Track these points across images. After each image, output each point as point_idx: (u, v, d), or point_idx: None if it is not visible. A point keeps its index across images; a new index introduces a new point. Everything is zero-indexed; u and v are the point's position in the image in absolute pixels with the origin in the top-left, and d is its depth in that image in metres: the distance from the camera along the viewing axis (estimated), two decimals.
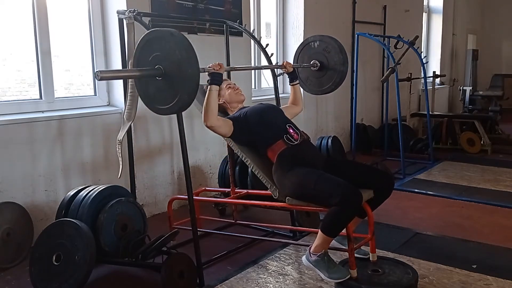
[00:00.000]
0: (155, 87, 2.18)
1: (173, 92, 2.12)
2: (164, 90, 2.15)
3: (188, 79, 2.07)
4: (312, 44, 3.32)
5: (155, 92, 2.19)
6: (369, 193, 2.43)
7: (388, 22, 6.90)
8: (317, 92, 3.42)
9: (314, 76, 3.35)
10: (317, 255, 2.35)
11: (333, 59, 3.24)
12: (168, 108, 2.17)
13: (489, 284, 2.54)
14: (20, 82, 3.45)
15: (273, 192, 2.57)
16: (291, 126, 2.62)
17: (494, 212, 3.82)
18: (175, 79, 2.10)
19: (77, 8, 3.57)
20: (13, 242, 2.87)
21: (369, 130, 6.43)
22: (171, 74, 2.11)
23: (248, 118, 2.63)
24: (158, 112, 2.26)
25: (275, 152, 2.53)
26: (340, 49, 3.23)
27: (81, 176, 3.35)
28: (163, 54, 2.12)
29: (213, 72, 2.44)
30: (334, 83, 3.28)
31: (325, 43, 3.28)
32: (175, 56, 2.08)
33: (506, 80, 9.64)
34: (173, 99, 2.13)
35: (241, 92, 2.86)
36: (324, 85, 3.33)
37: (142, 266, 2.68)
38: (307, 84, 3.40)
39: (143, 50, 2.19)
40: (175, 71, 2.09)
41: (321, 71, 3.30)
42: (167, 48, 2.10)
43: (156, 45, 2.14)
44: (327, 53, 3.25)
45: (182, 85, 2.09)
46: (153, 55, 2.14)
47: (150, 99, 2.23)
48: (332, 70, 3.25)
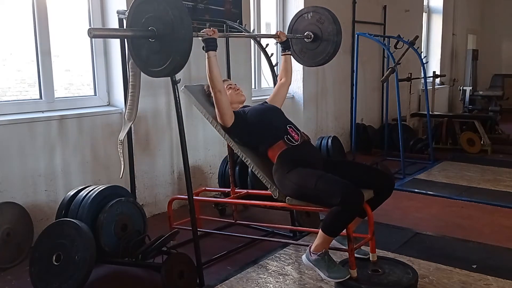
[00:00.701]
0: (148, 49, 2.17)
1: (166, 54, 2.11)
2: (157, 52, 2.14)
3: (181, 39, 2.06)
4: (306, 15, 3.29)
5: (149, 54, 2.18)
6: (369, 193, 2.43)
7: (388, 22, 6.90)
8: (312, 64, 3.39)
9: (308, 47, 3.32)
10: (317, 255, 2.35)
11: (327, 30, 3.21)
12: (161, 70, 2.16)
13: (489, 284, 2.54)
14: (20, 82, 3.45)
15: (273, 192, 2.57)
16: (291, 126, 2.63)
17: (494, 212, 3.82)
18: (168, 41, 2.09)
19: (77, 8, 3.57)
20: (13, 242, 2.87)
21: (369, 130, 6.43)
22: (164, 36, 2.09)
23: (248, 117, 2.63)
24: (151, 75, 2.25)
25: (275, 153, 2.53)
26: (333, 19, 3.20)
27: (81, 176, 3.36)
28: (156, 15, 2.10)
29: (207, 38, 2.44)
30: (328, 54, 3.25)
31: (318, 14, 3.24)
32: (167, 17, 2.06)
33: (506, 80, 9.64)
34: (166, 61, 2.12)
35: (242, 93, 2.86)
36: (318, 56, 3.30)
37: (142, 266, 2.68)
38: (301, 56, 3.37)
39: (136, 12, 2.18)
40: (168, 32, 2.08)
41: (315, 42, 3.27)
42: (160, 9, 2.09)
43: (148, 7, 2.13)
44: (320, 24, 3.22)
45: (175, 46, 2.08)
46: (146, 16, 2.13)
47: (144, 62, 2.22)
48: (326, 41, 3.22)
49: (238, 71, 4.20)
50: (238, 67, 4.27)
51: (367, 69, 6.58)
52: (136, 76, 2.75)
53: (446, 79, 9.50)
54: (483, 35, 11.43)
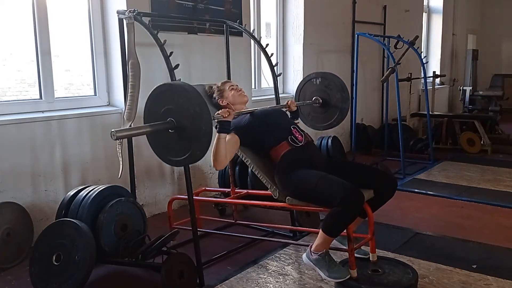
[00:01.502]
0: (167, 138, 2.16)
1: (185, 146, 2.11)
2: (176, 143, 2.14)
3: (202, 136, 2.05)
4: (314, 80, 3.38)
5: (167, 143, 2.18)
6: (369, 193, 2.43)
7: (388, 22, 6.90)
8: (319, 127, 3.48)
9: (315, 112, 3.41)
10: (318, 254, 2.35)
11: (335, 97, 3.30)
12: (180, 160, 2.16)
13: (489, 284, 2.54)
14: (20, 82, 3.45)
15: (273, 192, 2.57)
16: (295, 127, 2.63)
17: (494, 212, 3.82)
18: (187, 133, 2.09)
19: (77, 8, 3.57)
20: (13, 242, 2.88)
21: (369, 130, 6.43)
22: (183, 128, 2.09)
23: (250, 123, 2.61)
24: (168, 163, 2.26)
25: (278, 153, 2.53)
26: (341, 87, 3.29)
27: (81, 176, 3.36)
28: (176, 108, 2.10)
29: (221, 120, 2.39)
30: (336, 120, 3.35)
31: (327, 80, 3.34)
32: (188, 112, 2.06)
33: (506, 80, 9.63)
34: (185, 153, 2.12)
35: (244, 93, 2.86)
36: (326, 121, 3.40)
37: (142, 266, 2.68)
38: (309, 119, 3.46)
39: (154, 101, 2.17)
40: (187, 125, 2.07)
41: (323, 108, 3.35)
42: (181, 103, 2.08)
43: (168, 98, 2.13)
44: (329, 90, 3.32)
45: (195, 140, 2.08)
46: (166, 107, 2.13)
47: (162, 149, 2.22)
48: (334, 107, 3.31)
49: (238, 71, 4.19)
50: (238, 67, 4.27)
51: (367, 69, 6.58)
52: (135, 76, 2.75)
53: (446, 79, 9.49)
54: (483, 35, 11.43)
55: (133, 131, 2.31)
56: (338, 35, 5.97)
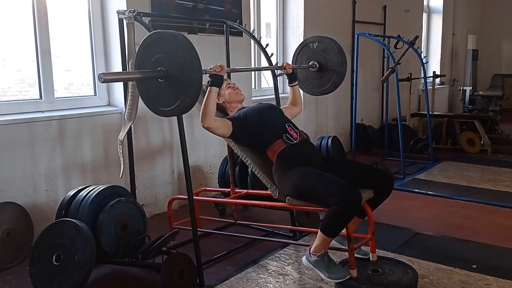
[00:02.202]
0: (157, 88, 2.16)
1: (175, 95, 2.10)
2: (165, 92, 2.13)
3: (191, 82, 2.05)
4: (311, 45, 3.32)
5: (157, 93, 2.18)
6: (369, 193, 2.43)
7: (388, 22, 6.90)
8: (316, 92, 3.43)
9: (313, 77, 3.35)
10: (317, 255, 2.35)
11: (332, 60, 3.24)
12: (170, 110, 2.16)
13: (489, 284, 2.54)
14: (20, 82, 3.45)
15: (273, 192, 2.57)
16: (290, 125, 2.62)
17: (494, 212, 3.82)
18: (177, 82, 2.08)
19: (77, 8, 3.57)
20: (13, 242, 2.88)
21: (369, 130, 6.43)
22: (173, 76, 2.09)
23: (247, 117, 2.63)
24: (158, 114, 2.25)
25: (274, 152, 2.53)
26: (339, 50, 3.23)
27: (81, 176, 3.36)
28: (166, 57, 2.10)
29: (214, 74, 2.42)
30: (333, 84, 3.29)
31: (324, 44, 3.28)
32: (178, 59, 2.06)
33: (506, 80, 9.63)
34: (175, 102, 2.11)
35: (241, 92, 2.86)
36: (323, 85, 3.33)
37: (142, 266, 2.68)
38: (306, 84, 3.40)
39: (145, 52, 2.17)
40: (177, 73, 2.07)
41: (320, 72, 3.30)
42: (170, 51, 2.08)
43: (158, 47, 2.12)
44: (326, 54, 3.26)
45: (184, 88, 2.07)
46: (155, 57, 2.13)
47: (152, 100, 2.22)
48: (331, 71, 3.25)
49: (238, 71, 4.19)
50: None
51: (367, 69, 6.58)
52: None
53: (446, 79, 9.50)
54: (483, 35, 11.43)
55: (122, 76, 2.29)
56: (338, 35, 5.91)
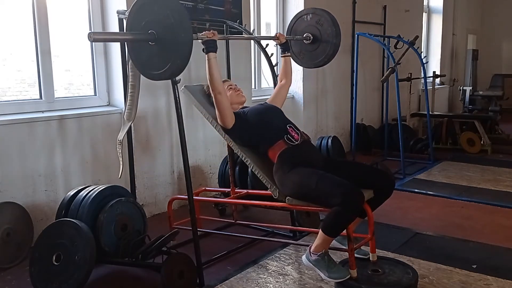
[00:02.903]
0: (148, 52, 2.17)
1: (166, 57, 2.11)
2: (157, 55, 2.14)
3: (181, 43, 2.06)
4: (305, 17, 3.29)
5: (148, 57, 2.18)
6: (369, 193, 2.43)
7: (388, 22, 6.90)
8: (310, 65, 3.39)
9: (307, 49, 3.32)
10: (317, 255, 2.35)
11: (326, 32, 3.21)
12: (161, 73, 2.17)
13: (489, 284, 2.54)
14: (20, 82, 3.45)
15: (273, 192, 2.57)
16: (291, 126, 2.63)
17: (494, 212, 3.82)
18: (168, 44, 2.09)
19: (77, 8, 3.57)
20: (13, 242, 2.88)
21: (369, 130, 6.43)
22: (164, 39, 2.09)
23: (248, 117, 2.64)
24: (151, 78, 2.25)
25: (275, 152, 2.53)
26: (332, 21, 3.20)
27: (81, 176, 3.36)
28: (156, 19, 2.10)
29: (207, 39, 2.44)
30: (327, 56, 3.25)
31: (317, 16, 3.24)
32: (168, 21, 2.06)
33: (506, 80, 9.64)
34: (166, 64, 2.12)
35: (242, 94, 2.87)
36: (317, 58, 3.30)
37: (142, 266, 2.68)
38: (300, 57, 3.37)
39: (136, 15, 2.18)
40: (168, 35, 2.08)
41: (314, 44, 3.27)
42: (160, 13, 2.09)
43: (148, 10, 2.13)
44: (319, 26, 3.23)
45: (175, 49, 2.08)
46: (146, 20, 2.14)
47: (143, 64, 2.23)
48: (325, 42, 3.22)
49: (238, 71, 4.20)
50: (238, 67, 4.27)
51: (367, 69, 6.58)
52: (135, 76, 2.75)
53: (446, 79, 9.49)
54: (483, 35, 11.43)
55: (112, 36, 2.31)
56: None
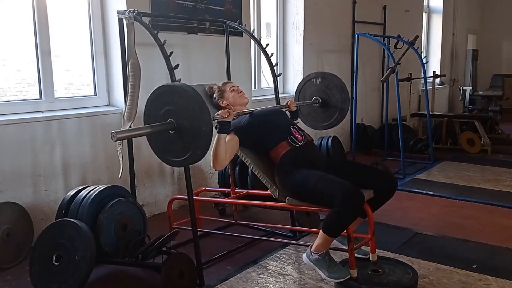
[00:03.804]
0: (167, 139, 2.17)
1: (185, 146, 2.12)
2: (176, 143, 2.15)
3: (202, 136, 2.07)
4: (314, 80, 3.39)
5: (166, 143, 2.18)
6: (369, 193, 2.43)
7: (388, 22, 6.90)
8: (318, 127, 3.49)
9: (315, 111, 3.41)
10: (318, 254, 2.35)
11: (335, 97, 3.30)
12: (181, 161, 2.18)
13: (489, 284, 2.54)
14: (20, 82, 3.45)
15: (273, 192, 2.57)
16: (295, 127, 2.63)
17: (494, 212, 3.82)
18: (187, 134, 2.10)
19: (77, 8, 3.57)
20: (13, 242, 2.87)
21: (369, 130, 6.43)
22: (183, 128, 2.10)
23: (251, 122, 2.61)
24: (169, 164, 2.27)
25: (278, 153, 2.53)
26: (341, 87, 3.30)
27: (81, 176, 3.35)
28: (176, 109, 2.11)
29: (221, 120, 2.38)
30: (336, 120, 3.36)
31: (327, 80, 3.34)
32: (187, 112, 2.07)
33: (506, 80, 9.65)
34: (185, 153, 2.13)
35: (245, 95, 2.86)
36: (325, 121, 3.40)
37: (142, 266, 2.68)
38: (309, 119, 3.46)
39: (154, 103, 2.19)
40: (187, 125, 2.09)
41: (323, 108, 3.36)
42: (180, 104, 2.10)
43: (167, 99, 2.14)
44: (329, 90, 3.32)
45: (195, 141, 2.09)
46: (165, 108, 2.14)
47: (162, 150, 2.23)
48: (334, 107, 3.32)
49: (238, 71, 4.19)
50: (238, 67, 4.27)
51: (367, 69, 6.58)
52: (135, 76, 2.75)
53: (446, 79, 9.49)
54: (483, 35, 11.43)
55: (133, 132, 2.32)
56: (338, 35, 5.97)
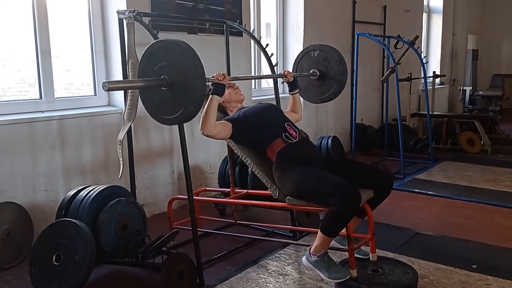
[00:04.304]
0: (160, 97, 2.16)
1: (178, 103, 2.10)
2: (169, 100, 2.13)
3: (195, 90, 2.05)
4: (312, 53, 3.34)
5: (160, 102, 2.17)
6: (369, 193, 2.43)
7: (388, 22, 6.90)
8: (316, 100, 3.46)
9: (313, 84, 3.37)
10: (317, 255, 2.35)
11: (333, 69, 3.27)
12: (174, 118, 2.16)
13: (489, 284, 2.54)
14: (20, 82, 3.45)
15: (273, 192, 2.57)
16: (289, 124, 2.63)
17: (494, 212, 3.82)
18: (181, 90, 2.08)
19: (77, 8, 3.57)
20: (13, 242, 2.88)
21: (369, 130, 6.44)
22: (177, 85, 2.09)
23: (247, 117, 2.63)
24: (162, 122, 2.25)
25: (274, 151, 2.53)
26: (339, 59, 3.26)
27: (81, 176, 3.36)
28: (169, 65, 2.10)
29: (216, 82, 2.40)
30: (333, 92, 3.31)
31: (325, 53, 3.30)
32: (181, 67, 2.06)
33: (506, 80, 9.65)
34: (178, 110, 2.11)
35: (241, 92, 2.86)
36: (323, 94, 3.36)
37: (142, 266, 2.68)
38: (306, 92, 3.43)
39: (148, 60, 2.17)
40: (181, 81, 2.07)
41: (321, 80, 3.32)
42: (173, 59, 2.08)
43: (161, 56, 2.12)
44: (326, 63, 3.28)
45: (188, 96, 2.07)
46: (159, 65, 2.13)
47: (155, 108, 2.22)
48: (332, 79, 3.28)
49: (238, 71, 4.19)
50: (238, 67, 4.27)
51: (367, 69, 6.58)
52: (135, 76, 2.74)
53: (446, 79, 9.49)
54: (483, 35, 11.43)
55: (126, 84, 2.29)
56: (338, 35, 5.96)
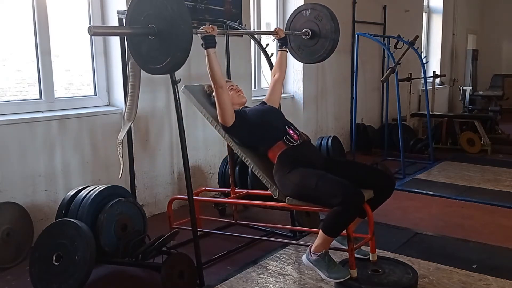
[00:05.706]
0: (148, 46, 2.16)
1: (166, 50, 2.10)
2: (157, 49, 2.13)
3: (181, 35, 2.05)
4: (304, 12, 3.30)
5: (148, 51, 2.17)
6: (369, 193, 2.43)
7: (388, 22, 6.90)
8: (309, 60, 3.41)
9: (306, 44, 3.33)
10: (317, 255, 2.35)
11: (325, 27, 3.22)
12: (162, 67, 2.16)
13: (489, 284, 2.54)
14: (20, 82, 3.45)
15: (273, 192, 2.57)
16: (290, 127, 2.63)
17: (494, 212, 3.82)
18: (167, 37, 2.08)
19: (77, 8, 3.57)
20: (13, 242, 2.88)
21: (369, 130, 6.43)
22: (163, 32, 2.09)
23: (249, 117, 2.63)
24: (151, 72, 2.24)
25: (275, 153, 2.53)
26: (331, 16, 3.21)
27: (81, 176, 3.35)
28: (155, 12, 2.10)
29: (206, 35, 2.43)
30: (326, 51, 3.27)
31: (316, 11, 3.26)
32: (167, 12, 2.06)
33: (506, 80, 9.65)
34: (166, 58, 2.12)
35: (243, 94, 2.87)
36: (316, 53, 3.31)
37: (142, 266, 2.68)
38: (299, 53, 3.38)
39: (135, 9, 2.17)
40: (167, 28, 2.07)
41: (313, 39, 3.28)
42: (159, 6, 2.08)
43: (148, 4, 2.13)
44: (318, 21, 3.24)
45: (175, 41, 2.08)
46: (145, 14, 2.13)
47: (143, 59, 2.22)
48: (324, 38, 3.24)
49: (238, 71, 4.20)
50: (238, 66, 4.27)
51: (367, 69, 6.58)
52: (136, 76, 2.75)
53: (446, 79, 9.50)
54: (483, 35, 11.43)
55: (112, 30, 2.31)
56: None
